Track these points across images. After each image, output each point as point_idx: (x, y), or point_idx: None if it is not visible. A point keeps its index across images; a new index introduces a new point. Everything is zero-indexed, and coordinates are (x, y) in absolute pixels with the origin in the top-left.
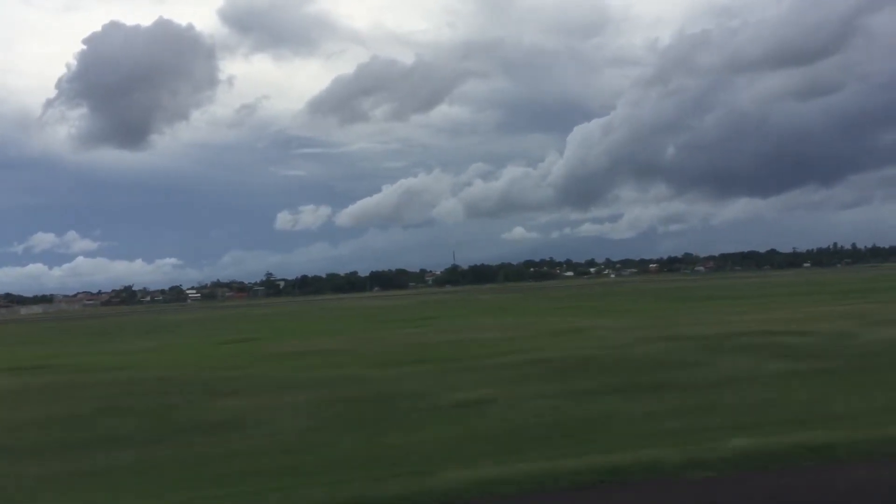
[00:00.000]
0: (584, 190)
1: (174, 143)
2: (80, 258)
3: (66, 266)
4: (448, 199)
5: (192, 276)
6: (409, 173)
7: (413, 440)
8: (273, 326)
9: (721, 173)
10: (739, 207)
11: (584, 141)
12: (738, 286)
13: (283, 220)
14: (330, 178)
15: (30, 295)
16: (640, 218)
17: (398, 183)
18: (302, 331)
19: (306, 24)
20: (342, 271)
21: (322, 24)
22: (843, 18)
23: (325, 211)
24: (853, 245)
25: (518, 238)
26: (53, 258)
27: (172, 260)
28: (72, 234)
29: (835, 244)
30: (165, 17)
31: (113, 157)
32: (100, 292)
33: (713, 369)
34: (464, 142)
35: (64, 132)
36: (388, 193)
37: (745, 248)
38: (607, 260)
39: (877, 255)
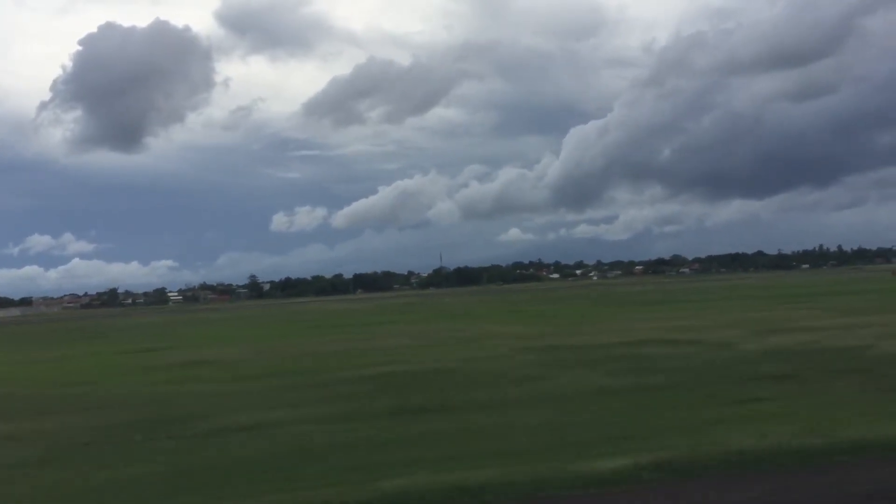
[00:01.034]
0: (580, 192)
1: (170, 145)
2: (76, 260)
3: (61, 268)
4: (444, 201)
5: (187, 278)
6: (405, 175)
7: (120, 475)
8: (201, 333)
9: (716, 175)
10: (734, 209)
11: (580, 143)
12: (698, 289)
13: (278, 221)
14: (326, 180)
15: (17, 297)
16: (635, 219)
17: (394, 185)
18: (218, 338)
19: (302, 25)
20: (338, 273)
21: (318, 26)
22: (838, 20)
23: (320, 213)
24: (839, 247)
25: (514, 240)
26: (49, 260)
27: (168, 262)
28: (67, 237)
29: (821, 246)
30: (162, 18)
31: (108, 160)
32: (86, 294)
33: (540, 386)
34: (460, 143)
35: (59, 135)
36: (384, 195)
37: (742, 250)
38: (598, 262)
39: (862, 256)
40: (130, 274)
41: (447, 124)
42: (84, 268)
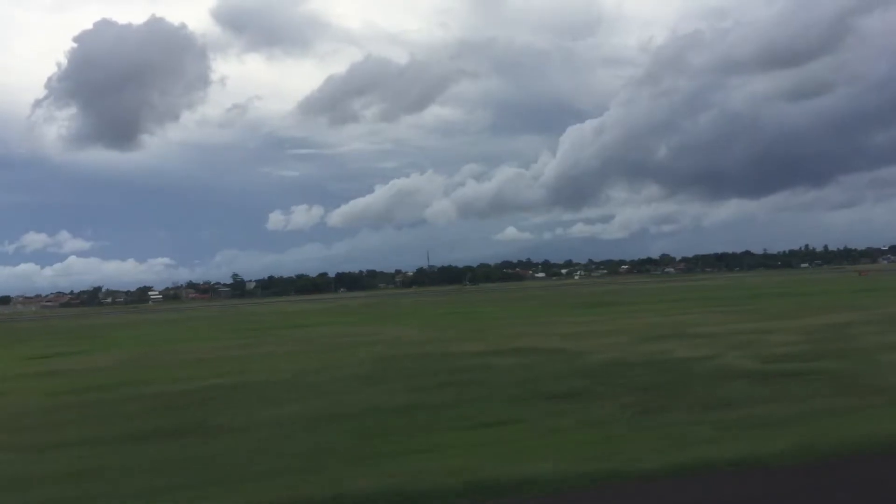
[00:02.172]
0: (576, 191)
1: (166, 143)
2: (73, 258)
3: (57, 265)
4: (440, 200)
5: (184, 275)
6: (401, 174)
7: None
8: (122, 337)
9: (713, 174)
10: (731, 208)
11: (577, 141)
12: (654, 290)
13: (275, 220)
14: (322, 178)
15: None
16: (632, 219)
17: (391, 183)
18: (121, 343)
19: (299, 23)
20: (324, 272)
21: (315, 24)
22: (834, 20)
23: (317, 211)
24: (825, 247)
25: (510, 238)
26: (45, 258)
27: (165, 260)
28: (64, 234)
29: (807, 246)
30: (158, 15)
31: (104, 158)
32: (72, 293)
33: (311, 405)
34: (456, 142)
35: (54, 132)
36: (381, 194)
37: (739, 249)
38: (590, 261)
39: (848, 256)
40: (127, 272)
41: (444, 123)
42: (81, 265)
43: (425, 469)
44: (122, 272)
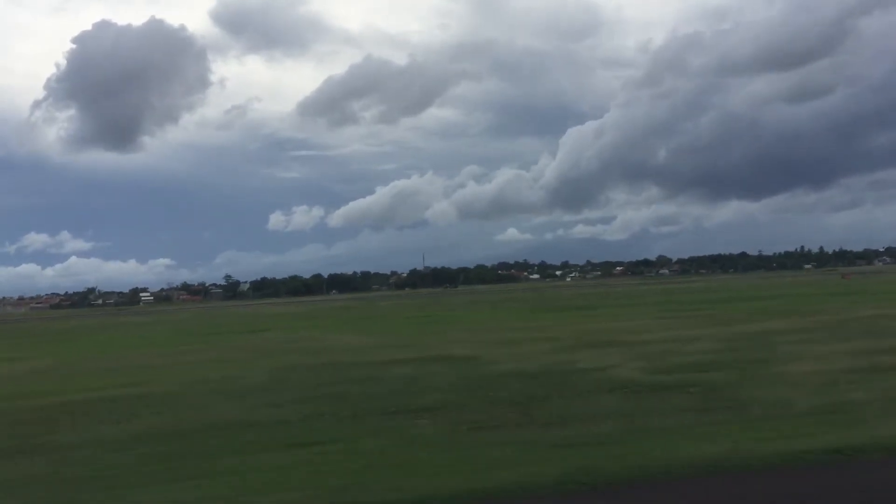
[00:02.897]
0: (577, 192)
1: (165, 144)
2: (74, 258)
3: (59, 266)
4: (441, 202)
5: (185, 276)
6: (402, 175)
7: None
8: (84, 343)
9: (713, 176)
10: (731, 210)
11: (577, 143)
12: (631, 293)
13: (276, 221)
14: (323, 179)
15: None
16: (632, 220)
17: (391, 185)
18: (81, 348)
19: (298, 25)
20: (333, 272)
21: (314, 26)
22: (834, 21)
23: (317, 212)
24: (821, 248)
25: (511, 240)
26: (46, 258)
27: (166, 260)
28: (64, 235)
29: (802, 247)
30: (157, 17)
31: (103, 159)
32: (66, 294)
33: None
34: (457, 144)
35: (53, 133)
36: (381, 195)
37: (739, 251)
38: (588, 262)
39: (842, 258)
40: (128, 272)
41: (444, 124)
42: (82, 266)
43: (178, 499)
44: (123, 273)
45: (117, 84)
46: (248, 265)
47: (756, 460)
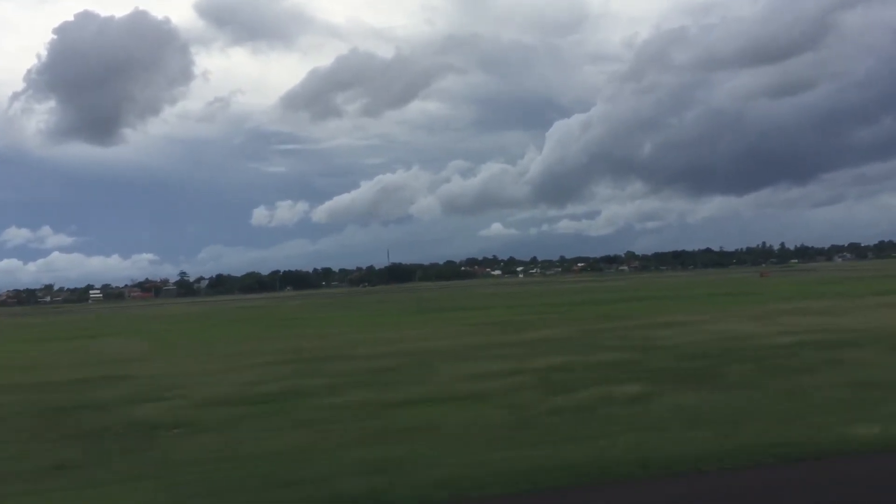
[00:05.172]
0: (562, 187)
1: (148, 137)
2: (56, 253)
3: (40, 261)
4: (426, 196)
5: (168, 271)
6: (387, 169)
7: None
8: None
9: (697, 171)
10: (715, 205)
11: (563, 138)
12: (537, 293)
13: (259, 215)
14: (307, 174)
15: None
16: (616, 215)
17: (376, 179)
18: None
19: (283, 17)
20: (315, 266)
21: (299, 18)
22: (817, 16)
23: (302, 207)
24: (782, 244)
25: (496, 234)
26: (28, 253)
27: (149, 255)
28: (46, 230)
29: (763, 243)
30: (141, 8)
31: (84, 152)
32: (16, 290)
33: None
34: (442, 138)
35: (32, 125)
36: (366, 189)
37: (723, 246)
38: (561, 257)
39: (803, 254)
40: (111, 267)
41: (429, 118)
42: (64, 261)
43: None
44: (106, 268)
45: (99, 76)
46: (233, 260)
47: None
